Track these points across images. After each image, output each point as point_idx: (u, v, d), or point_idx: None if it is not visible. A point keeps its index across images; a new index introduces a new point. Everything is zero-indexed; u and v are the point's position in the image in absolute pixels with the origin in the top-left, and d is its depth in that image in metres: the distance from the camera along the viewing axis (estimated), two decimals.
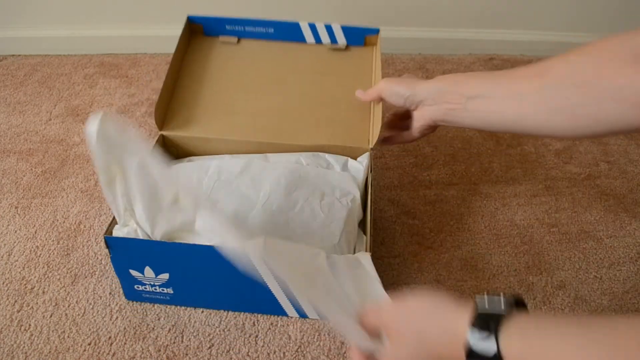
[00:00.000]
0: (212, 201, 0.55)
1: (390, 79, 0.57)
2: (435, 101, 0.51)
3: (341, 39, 0.72)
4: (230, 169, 0.59)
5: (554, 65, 0.42)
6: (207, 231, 0.50)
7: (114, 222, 0.52)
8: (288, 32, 0.73)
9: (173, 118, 0.65)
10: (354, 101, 0.65)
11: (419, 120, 0.55)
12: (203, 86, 0.68)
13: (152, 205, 0.50)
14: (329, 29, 0.72)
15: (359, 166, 0.62)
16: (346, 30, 0.72)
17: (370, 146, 0.63)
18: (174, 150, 0.66)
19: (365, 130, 0.65)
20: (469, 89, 0.47)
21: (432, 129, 0.56)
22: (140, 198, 0.49)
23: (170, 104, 0.66)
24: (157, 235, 0.51)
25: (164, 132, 0.64)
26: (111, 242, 0.50)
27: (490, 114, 0.46)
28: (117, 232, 0.51)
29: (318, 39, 0.72)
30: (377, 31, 0.72)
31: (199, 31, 0.73)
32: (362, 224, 0.59)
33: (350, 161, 0.63)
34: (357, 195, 0.58)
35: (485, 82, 0.46)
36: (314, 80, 0.69)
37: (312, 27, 0.72)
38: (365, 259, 0.47)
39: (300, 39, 0.73)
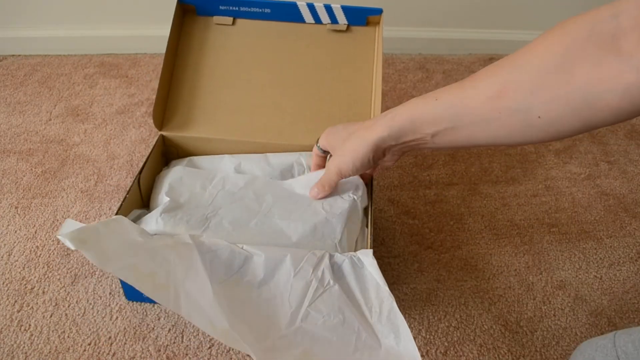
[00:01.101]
0: (215, 207, 0.55)
1: (339, 161, 0.50)
2: (397, 141, 0.46)
3: (342, 19, 0.68)
4: (234, 181, 0.59)
5: (510, 80, 0.37)
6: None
7: None
8: (285, 12, 0.68)
9: (172, 118, 0.65)
10: (354, 95, 0.65)
11: (386, 161, 0.51)
12: (200, 79, 0.67)
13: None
14: (328, 8, 0.67)
15: None
16: (347, 10, 0.67)
17: None
18: (174, 150, 0.66)
19: None
20: (430, 125, 0.42)
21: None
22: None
23: (169, 102, 0.66)
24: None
25: (164, 133, 0.64)
26: None
27: (459, 140, 0.42)
28: None
29: (317, 19, 0.68)
30: (380, 11, 0.66)
31: (191, 11, 0.69)
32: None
33: None
34: (361, 183, 0.58)
35: (446, 112, 0.41)
36: (314, 70, 0.68)
37: (311, 7, 0.68)
38: (367, 257, 0.47)
39: (299, 19, 0.69)
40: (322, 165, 0.58)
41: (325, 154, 0.56)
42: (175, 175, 0.59)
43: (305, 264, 0.47)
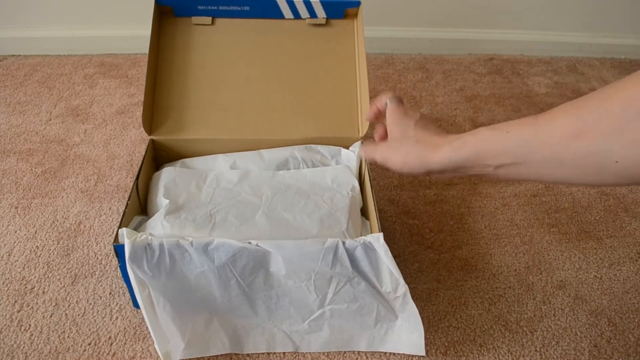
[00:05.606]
0: (215, 204, 0.55)
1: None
2: (457, 171, 0.45)
3: (320, 13, 0.68)
4: (228, 178, 0.60)
5: (590, 120, 0.35)
6: None
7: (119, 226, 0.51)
8: (264, 9, 0.68)
9: (161, 121, 0.64)
10: (338, 86, 0.65)
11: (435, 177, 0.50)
12: (185, 81, 0.67)
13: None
14: (307, 3, 0.68)
15: (352, 155, 0.63)
16: (325, 4, 0.68)
17: (361, 135, 0.63)
18: (164, 154, 0.65)
19: (354, 118, 0.65)
20: (496, 158, 0.41)
21: None
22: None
23: (155, 106, 0.65)
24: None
25: (154, 137, 0.63)
26: (120, 250, 0.47)
27: (522, 175, 0.41)
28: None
29: (297, 14, 0.69)
30: (358, 3, 0.67)
31: (169, 13, 0.69)
32: (362, 211, 0.60)
33: (343, 150, 0.65)
34: (356, 183, 0.60)
35: (516, 147, 0.40)
36: (296, 63, 0.68)
37: (290, 3, 0.68)
38: (377, 243, 0.47)
39: (278, 15, 0.69)
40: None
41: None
42: (169, 177, 0.59)
43: (322, 255, 0.47)
